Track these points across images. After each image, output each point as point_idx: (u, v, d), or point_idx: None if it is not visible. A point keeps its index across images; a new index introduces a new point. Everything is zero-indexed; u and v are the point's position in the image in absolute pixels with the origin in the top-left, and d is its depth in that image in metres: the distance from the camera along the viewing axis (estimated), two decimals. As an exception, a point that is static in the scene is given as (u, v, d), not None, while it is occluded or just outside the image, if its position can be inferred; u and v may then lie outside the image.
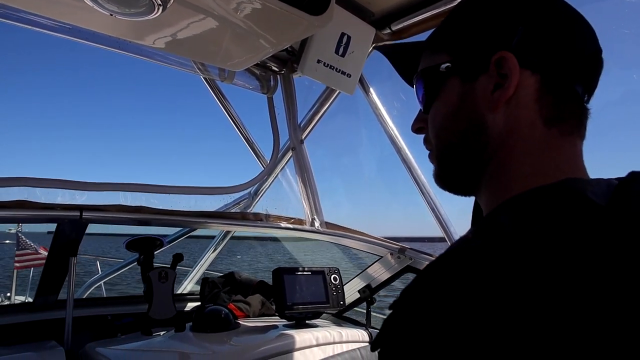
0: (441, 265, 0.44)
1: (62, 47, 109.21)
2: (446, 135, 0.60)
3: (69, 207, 1.43)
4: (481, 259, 0.41)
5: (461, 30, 0.60)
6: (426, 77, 0.62)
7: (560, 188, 0.47)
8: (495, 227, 0.45)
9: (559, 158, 0.53)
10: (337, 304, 1.94)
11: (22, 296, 5.66)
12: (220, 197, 2.21)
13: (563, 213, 0.42)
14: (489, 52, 0.54)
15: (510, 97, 0.54)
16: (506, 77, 0.53)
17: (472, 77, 0.57)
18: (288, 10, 1.17)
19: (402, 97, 2.10)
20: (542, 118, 0.54)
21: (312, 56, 1.68)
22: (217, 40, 1.38)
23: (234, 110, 2.26)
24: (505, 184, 0.54)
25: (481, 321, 0.37)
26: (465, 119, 0.57)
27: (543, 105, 0.54)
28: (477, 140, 0.56)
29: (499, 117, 0.55)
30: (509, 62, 0.53)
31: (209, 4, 1.15)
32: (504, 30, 0.55)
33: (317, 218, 2.12)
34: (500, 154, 0.55)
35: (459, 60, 0.58)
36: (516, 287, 0.37)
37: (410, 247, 2.00)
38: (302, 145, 2.17)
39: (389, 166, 3.10)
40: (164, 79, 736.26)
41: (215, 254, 2.81)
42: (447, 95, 0.59)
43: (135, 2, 1.07)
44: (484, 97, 0.55)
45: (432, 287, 0.42)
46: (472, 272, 0.40)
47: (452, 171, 0.62)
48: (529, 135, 0.54)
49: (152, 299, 1.58)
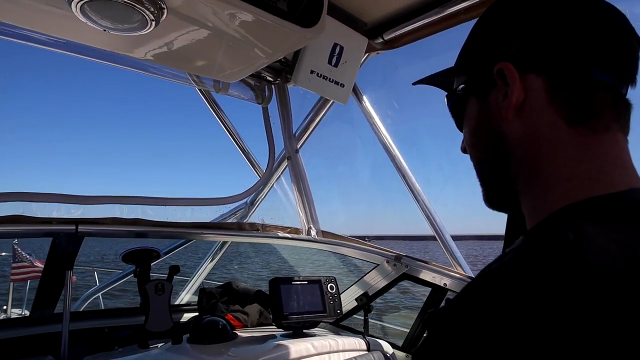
0: (504, 274, 0.41)
1: (56, 59, 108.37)
2: (474, 152, 0.62)
3: (64, 221, 1.44)
4: (548, 268, 0.38)
5: (469, 49, 0.63)
6: (450, 100, 0.66)
7: (625, 199, 0.45)
8: (558, 237, 0.41)
9: (600, 158, 0.50)
10: (334, 312, 1.94)
11: (19, 309, 5.63)
12: (217, 207, 2.22)
13: (632, 226, 0.41)
14: (492, 66, 0.55)
15: (522, 104, 0.53)
16: (510, 86, 0.54)
17: (484, 93, 0.58)
18: (280, 23, 1.18)
19: (395, 106, 2.12)
20: (563, 118, 0.51)
21: (305, 67, 1.70)
22: (211, 53, 1.39)
23: (229, 120, 2.27)
24: (542, 191, 0.52)
25: (546, 334, 0.35)
26: (484, 133, 0.59)
27: (558, 104, 0.52)
28: (498, 151, 0.57)
29: (516, 125, 0.54)
30: (507, 71, 0.54)
31: (201, 18, 1.16)
32: (503, 41, 0.56)
33: (313, 227, 2.13)
34: (526, 160, 0.54)
35: (471, 79, 0.61)
36: (585, 302, 0.35)
37: (405, 254, 2.01)
38: (298, 154, 2.18)
39: (383, 173, 3.09)
40: (159, 90, 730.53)
41: (212, 263, 2.81)
42: (469, 114, 0.62)
43: (128, 18, 1.08)
44: (497, 110, 0.56)
45: (498, 295, 0.39)
46: (538, 280, 0.38)
47: (488, 187, 0.62)
48: (553, 138, 0.52)
49: (148, 312, 1.58)
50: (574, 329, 0.34)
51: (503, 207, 0.63)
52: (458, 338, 0.39)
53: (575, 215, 0.44)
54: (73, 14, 1.06)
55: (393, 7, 1.65)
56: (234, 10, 1.12)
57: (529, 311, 0.36)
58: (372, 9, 1.68)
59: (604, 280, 0.36)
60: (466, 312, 0.40)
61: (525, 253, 0.42)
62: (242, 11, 1.12)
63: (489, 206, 0.63)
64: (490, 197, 0.62)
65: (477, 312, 0.39)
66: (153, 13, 1.07)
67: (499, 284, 0.40)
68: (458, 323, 0.40)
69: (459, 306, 0.41)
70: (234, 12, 1.13)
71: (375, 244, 2.17)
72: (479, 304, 0.39)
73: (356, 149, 4.48)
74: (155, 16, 1.09)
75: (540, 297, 0.36)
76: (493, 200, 0.62)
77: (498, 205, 0.63)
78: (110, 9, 1.04)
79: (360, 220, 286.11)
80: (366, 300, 2.09)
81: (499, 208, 0.63)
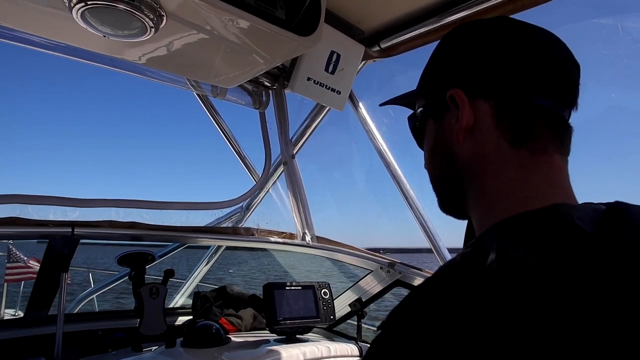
0: (428, 290, 0.45)
1: (54, 62, 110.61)
2: (433, 170, 0.66)
3: (61, 224, 1.44)
4: (467, 285, 0.42)
5: (427, 74, 0.67)
6: (410, 121, 0.70)
7: (547, 214, 0.48)
8: (482, 254, 0.45)
9: (536, 178, 0.54)
10: (327, 318, 1.95)
11: (12, 309, 5.61)
12: (212, 212, 2.23)
13: (549, 240, 0.44)
14: (444, 92, 0.59)
15: (472, 127, 0.57)
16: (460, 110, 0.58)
17: (439, 115, 0.62)
18: (277, 31, 1.20)
19: (390, 113, 2.14)
20: (506, 140, 0.56)
21: (302, 74, 1.71)
22: (209, 59, 1.41)
23: (226, 125, 2.29)
24: (486, 207, 0.57)
25: (463, 346, 0.38)
26: (439, 154, 0.63)
27: (503, 127, 0.56)
28: (452, 171, 0.61)
29: (466, 147, 0.59)
30: (457, 96, 0.58)
31: (199, 25, 1.17)
32: (455, 68, 0.60)
33: (308, 232, 2.14)
34: (475, 180, 0.59)
35: (429, 103, 0.65)
36: (499, 315, 0.38)
37: (401, 261, 2.02)
38: (294, 160, 2.19)
39: (378, 180, 3.11)
40: (157, 93, 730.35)
41: (207, 267, 2.82)
42: (428, 135, 0.66)
43: (128, 25, 1.09)
44: (450, 132, 0.60)
45: (419, 310, 0.43)
46: (457, 299, 0.41)
47: (443, 199, 0.67)
48: (496, 159, 0.56)
49: (142, 315, 1.59)
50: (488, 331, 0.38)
51: (457, 215, 0.67)
52: (388, 348, 0.43)
53: (497, 231, 0.49)
54: (73, 19, 1.07)
55: (390, 16, 1.66)
56: (232, 19, 1.13)
57: (444, 322, 0.40)
58: (369, 17, 1.70)
59: (515, 286, 0.40)
60: (393, 326, 0.45)
61: (449, 267, 0.47)
62: (240, 19, 1.13)
63: (444, 212, 0.69)
64: (445, 207, 0.68)
65: (401, 326, 0.44)
66: (152, 20, 1.09)
67: (424, 298, 0.45)
68: (392, 336, 0.44)
69: (393, 319, 0.45)
70: (233, 20, 1.14)
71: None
72: (404, 318, 0.44)
73: (352, 155, 4.48)
74: (155, 23, 1.10)
75: (455, 309, 0.40)
76: (448, 209, 0.68)
77: (452, 213, 0.67)
78: (111, 16, 1.06)
79: (354, 230, 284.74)
80: (360, 306, 2.11)
81: (452, 215, 0.68)
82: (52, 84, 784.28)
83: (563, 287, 0.38)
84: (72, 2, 1.01)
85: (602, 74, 52.95)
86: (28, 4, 1.08)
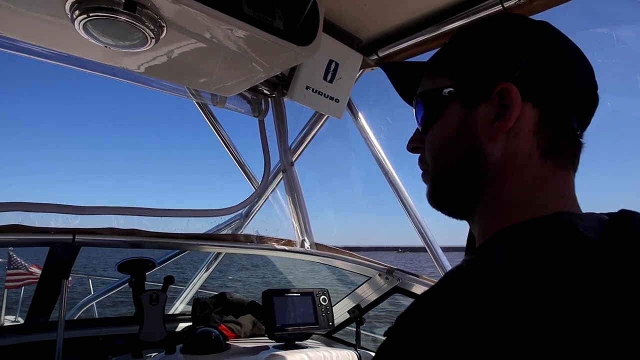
0: (435, 296, 0.45)
1: (55, 68, 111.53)
2: (445, 159, 0.61)
3: (62, 231, 1.46)
4: (473, 292, 0.42)
5: (466, 56, 0.60)
6: (427, 99, 0.63)
7: (552, 221, 0.49)
8: (489, 260, 0.46)
9: (552, 190, 0.55)
10: (326, 324, 1.96)
11: (12, 315, 5.60)
12: (212, 219, 2.24)
13: (555, 247, 0.44)
14: (492, 82, 0.56)
15: (510, 128, 0.55)
16: (507, 108, 0.55)
17: (474, 104, 0.58)
18: (276, 42, 1.22)
19: (388, 121, 2.16)
20: (539, 150, 0.55)
21: (301, 83, 1.73)
22: (209, 68, 1.43)
23: (225, 133, 2.30)
24: (499, 213, 0.56)
25: (469, 353, 0.38)
26: (465, 146, 0.59)
27: (541, 137, 0.55)
28: (474, 167, 0.58)
29: (498, 147, 0.56)
30: (512, 94, 0.54)
31: (199, 36, 1.20)
32: (508, 61, 0.56)
33: (307, 239, 2.15)
34: (496, 182, 0.56)
35: (462, 86, 0.59)
36: (506, 322, 0.38)
37: (398, 268, 2.04)
38: (293, 167, 2.21)
39: (376, 186, 3.12)
40: (156, 101, 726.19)
41: (207, 274, 2.83)
42: (448, 119, 0.60)
43: (129, 35, 1.11)
44: (484, 126, 0.57)
45: (425, 317, 0.43)
46: (464, 305, 0.41)
47: (447, 194, 0.62)
48: (525, 166, 0.55)
49: (142, 322, 1.60)
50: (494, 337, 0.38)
51: (448, 213, 0.64)
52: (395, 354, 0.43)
53: (506, 237, 0.49)
54: (75, 30, 1.09)
55: (388, 25, 1.68)
56: (231, 29, 1.15)
57: (450, 329, 0.40)
58: (367, 26, 1.72)
59: (521, 291, 0.40)
60: (400, 332, 0.45)
61: (462, 271, 0.47)
62: (239, 30, 1.15)
63: (432, 205, 0.66)
64: (440, 201, 0.64)
65: (408, 333, 0.44)
66: (153, 31, 1.11)
67: (430, 304, 0.45)
68: (398, 343, 0.44)
69: (399, 326, 0.45)
70: (232, 31, 1.16)
71: (369, 255, 2.20)
72: (411, 324, 0.44)
73: (350, 162, 4.50)
74: (155, 34, 1.12)
75: (461, 315, 0.41)
76: (443, 204, 0.64)
77: (444, 210, 0.64)
78: (112, 27, 1.08)
79: (353, 232, 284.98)
80: (358, 312, 2.12)
81: (444, 211, 0.65)
82: (54, 93, 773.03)
83: (566, 295, 0.39)
84: (75, 14, 1.03)
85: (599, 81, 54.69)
86: (31, 14, 1.10)
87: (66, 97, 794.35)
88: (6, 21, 1.14)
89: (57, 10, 1.04)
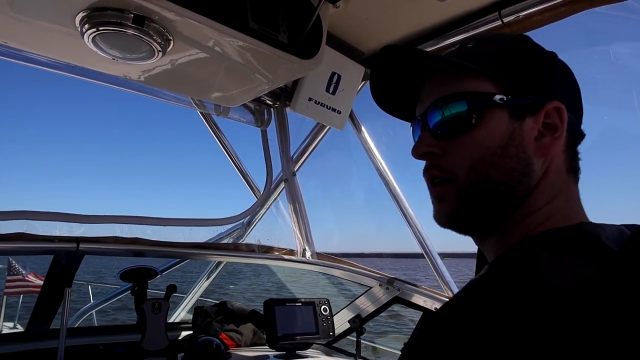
0: (466, 301, 0.47)
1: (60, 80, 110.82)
2: (488, 170, 0.56)
3: (66, 239, 1.47)
4: (503, 302, 0.43)
5: (518, 66, 0.58)
6: (469, 101, 0.57)
7: (576, 231, 0.52)
8: (518, 264, 0.47)
9: (573, 202, 0.59)
10: (327, 334, 1.97)
11: (10, 322, 5.59)
12: (214, 228, 2.26)
13: (579, 255, 0.47)
14: (542, 98, 0.57)
15: (558, 146, 0.58)
16: (554, 127, 0.57)
17: (520, 115, 0.57)
18: (280, 55, 1.24)
19: (390, 133, 2.18)
20: (565, 167, 0.59)
21: (304, 95, 1.75)
22: (214, 80, 1.45)
23: (228, 142, 2.32)
24: (530, 225, 0.56)
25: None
26: (515, 158, 0.56)
27: (568, 155, 0.59)
28: (521, 182, 0.56)
29: (539, 162, 0.57)
30: (562, 114, 0.57)
31: (205, 49, 1.22)
32: (552, 82, 0.59)
33: (308, 249, 2.16)
34: (532, 197, 0.57)
35: (516, 95, 0.57)
36: (534, 329, 0.40)
37: (398, 278, 2.05)
38: (295, 177, 2.22)
39: (377, 197, 3.13)
40: (161, 111, 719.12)
41: (208, 282, 2.83)
42: (493, 127, 0.56)
43: (137, 48, 1.13)
44: (530, 140, 0.56)
45: (458, 323, 0.44)
46: (492, 314, 0.42)
47: (479, 209, 0.58)
48: (556, 181, 0.58)
49: (145, 330, 1.61)
50: (528, 341, 0.39)
51: (469, 229, 0.61)
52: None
53: (532, 246, 0.50)
54: (83, 42, 1.11)
55: (389, 38, 1.71)
56: (236, 43, 1.17)
57: (491, 329, 0.41)
58: (369, 39, 1.74)
59: (553, 300, 0.42)
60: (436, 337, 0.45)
61: (490, 278, 0.48)
62: (244, 43, 1.17)
63: (452, 222, 0.60)
64: (465, 216, 0.59)
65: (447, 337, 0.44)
66: (160, 44, 1.13)
67: (467, 309, 0.45)
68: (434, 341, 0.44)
69: (431, 328, 0.46)
70: (237, 44, 1.18)
71: (370, 261, 2.20)
72: (449, 326, 0.44)
73: (352, 173, 4.48)
74: (162, 47, 1.14)
75: (501, 316, 0.42)
76: (466, 220, 0.59)
77: (465, 226, 0.61)
78: (120, 40, 1.10)
79: (355, 240, 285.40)
80: (359, 322, 2.12)
81: (464, 228, 0.61)
82: (60, 101, 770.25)
83: (591, 304, 0.41)
84: (85, 27, 1.05)
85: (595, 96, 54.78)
86: (41, 26, 1.12)
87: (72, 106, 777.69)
88: (16, 33, 1.16)
89: (67, 23, 1.06)
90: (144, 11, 1.03)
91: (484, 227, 0.59)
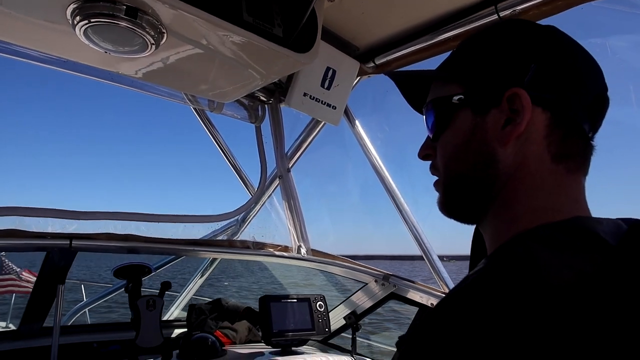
0: (462, 297, 0.46)
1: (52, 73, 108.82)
2: (456, 166, 0.61)
3: (58, 236, 1.45)
4: (496, 297, 0.43)
5: (474, 63, 0.61)
6: (437, 106, 0.63)
7: (573, 225, 0.50)
8: (510, 264, 0.47)
9: (565, 194, 0.56)
10: (322, 330, 1.96)
11: (3, 321, 5.55)
12: (208, 224, 2.24)
13: (578, 250, 0.46)
14: (501, 87, 0.56)
15: (521, 133, 0.56)
16: (518, 113, 0.55)
17: (484, 110, 0.58)
18: (275, 49, 1.23)
19: (385, 128, 2.17)
20: (550, 154, 0.56)
21: (299, 90, 1.74)
22: (207, 75, 1.43)
23: (222, 139, 2.31)
24: (513, 217, 0.56)
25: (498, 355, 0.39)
26: (476, 151, 0.59)
27: (551, 141, 0.56)
28: (486, 173, 0.58)
29: (509, 152, 0.57)
30: (522, 99, 0.55)
31: (199, 42, 1.20)
32: (517, 67, 0.57)
33: (303, 245, 2.15)
34: (509, 187, 0.57)
35: (472, 93, 0.60)
36: (530, 324, 0.40)
37: (394, 274, 2.04)
38: (289, 173, 2.21)
39: (372, 193, 3.12)
40: (153, 107, 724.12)
41: (202, 279, 2.82)
42: (458, 126, 0.60)
43: (130, 41, 1.12)
44: (495, 131, 0.57)
45: (456, 319, 0.44)
46: (487, 310, 0.42)
47: (459, 201, 0.62)
48: (537, 171, 0.56)
49: (139, 327, 1.59)
50: (527, 336, 0.39)
51: (460, 219, 0.64)
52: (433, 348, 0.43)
53: (529, 240, 0.50)
54: (75, 35, 1.09)
55: (384, 33, 1.70)
56: (231, 36, 1.16)
57: (489, 324, 0.41)
58: (364, 34, 1.73)
59: (552, 295, 0.41)
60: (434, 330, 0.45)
61: (486, 273, 0.47)
62: (239, 37, 1.16)
63: (444, 213, 0.65)
64: (452, 208, 0.64)
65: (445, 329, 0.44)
66: (153, 37, 1.11)
67: (465, 306, 0.44)
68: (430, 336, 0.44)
69: (428, 324, 0.46)
70: (231, 38, 1.17)
71: (366, 264, 2.20)
72: (447, 322, 0.44)
73: (347, 169, 4.48)
74: (156, 40, 1.13)
75: (499, 311, 0.41)
76: (454, 212, 0.64)
77: (456, 216, 0.64)
78: (113, 33, 1.08)
79: (350, 239, 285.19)
80: (354, 318, 2.12)
81: (456, 218, 0.65)
82: (53, 98, 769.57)
83: (590, 299, 0.41)
84: (76, 19, 1.03)
85: None
86: (31, 20, 1.10)
87: (64, 102, 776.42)
88: (5, 26, 1.14)
89: (58, 16, 1.05)
90: (137, 3, 1.01)
91: (469, 215, 0.63)
